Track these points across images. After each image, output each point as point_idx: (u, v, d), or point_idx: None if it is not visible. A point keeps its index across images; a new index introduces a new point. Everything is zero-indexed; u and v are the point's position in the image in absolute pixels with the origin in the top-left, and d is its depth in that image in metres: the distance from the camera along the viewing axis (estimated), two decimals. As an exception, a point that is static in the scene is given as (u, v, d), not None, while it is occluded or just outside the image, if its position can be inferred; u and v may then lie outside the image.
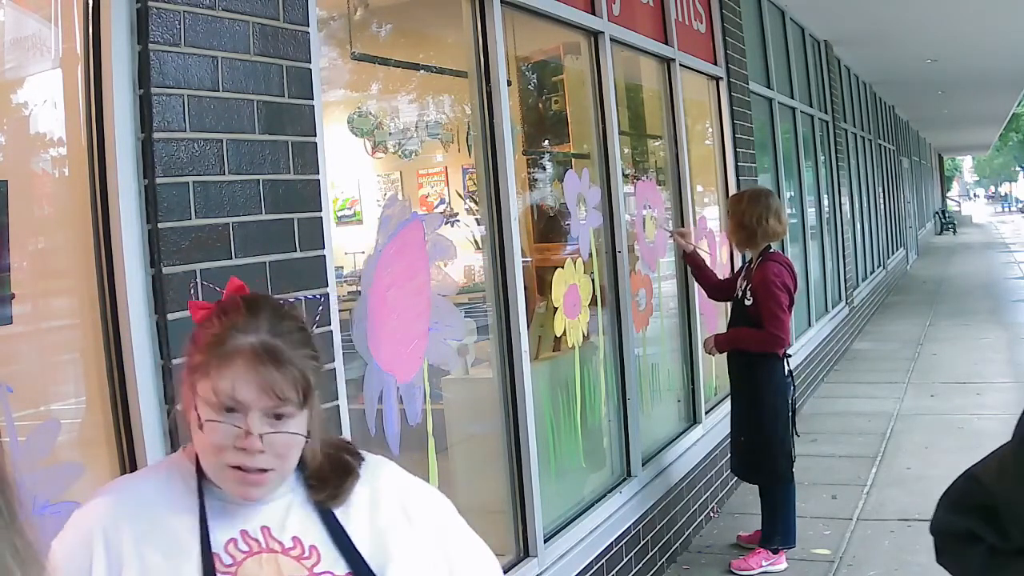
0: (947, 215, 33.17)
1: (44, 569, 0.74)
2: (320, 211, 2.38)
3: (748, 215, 4.28)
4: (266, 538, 1.27)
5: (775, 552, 4.25)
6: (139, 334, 1.94)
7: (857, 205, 12.00)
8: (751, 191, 4.64)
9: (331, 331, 2.39)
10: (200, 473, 1.29)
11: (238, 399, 1.20)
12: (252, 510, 1.29)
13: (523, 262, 3.49)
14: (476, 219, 3.62)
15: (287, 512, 1.30)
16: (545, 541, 3.43)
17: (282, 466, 1.25)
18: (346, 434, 2.42)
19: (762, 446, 4.29)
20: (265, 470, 1.23)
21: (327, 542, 1.29)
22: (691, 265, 4.74)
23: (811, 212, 9.04)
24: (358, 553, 1.29)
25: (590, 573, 3.65)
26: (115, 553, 1.24)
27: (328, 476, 1.33)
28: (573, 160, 4.59)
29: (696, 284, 5.02)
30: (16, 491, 0.75)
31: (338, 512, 1.33)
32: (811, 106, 9.42)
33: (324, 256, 2.38)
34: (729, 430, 4.63)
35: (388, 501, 1.36)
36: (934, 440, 6.01)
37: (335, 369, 2.39)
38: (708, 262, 4.89)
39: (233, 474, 1.23)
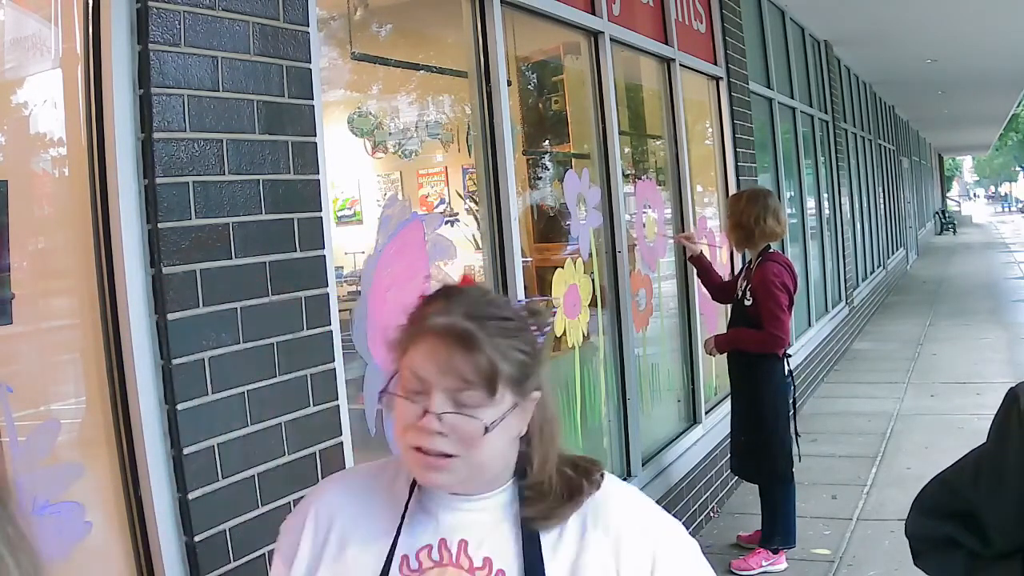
0: (947, 215, 33.17)
1: (36, 556, 0.73)
2: (320, 211, 2.38)
3: (746, 215, 4.28)
4: (459, 552, 1.22)
5: (775, 552, 4.25)
6: (139, 334, 1.94)
7: (857, 205, 12.00)
8: (749, 191, 4.65)
9: (331, 331, 2.39)
10: None
11: (421, 376, 1.17)
12: (459, 519, 1.23)
13: (523, 262, 3.49)
14: (476, 219, 3.62)
15: (493, 528, 1.23)
16: (545, 541, 3.43)
17: (468, 455, 1.17)
18: (346, 434, 2.42)
19: (762, 446, 4.29)
20: (448, 455, 1.17)
21: (515, 569, 1.20)
22: (697, 267, 4.74)
23: (811, 212, 9.04)
24: None
25: (590, 573, 3.65)
26: (322, 535, 1.27)
27: (546, 492, 1.23)
28: (573, 160, 4.59)
29: (697, 284, 5.03)
30: (7, 482, 0.74)
31: (546, 538, 1.22)
32: (811, 106, 9.42)
33: (324, 256, 2.38)
34: (729, 430, 4.63)
35: (600, 539, 1.22)
36: (934, 440, 6.01)
37: (335, 369, 2.40)
38: (712, 260, 4.89)
39: (415, 456, 1.18)
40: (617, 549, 1.21)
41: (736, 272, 4.92)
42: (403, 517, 1.24)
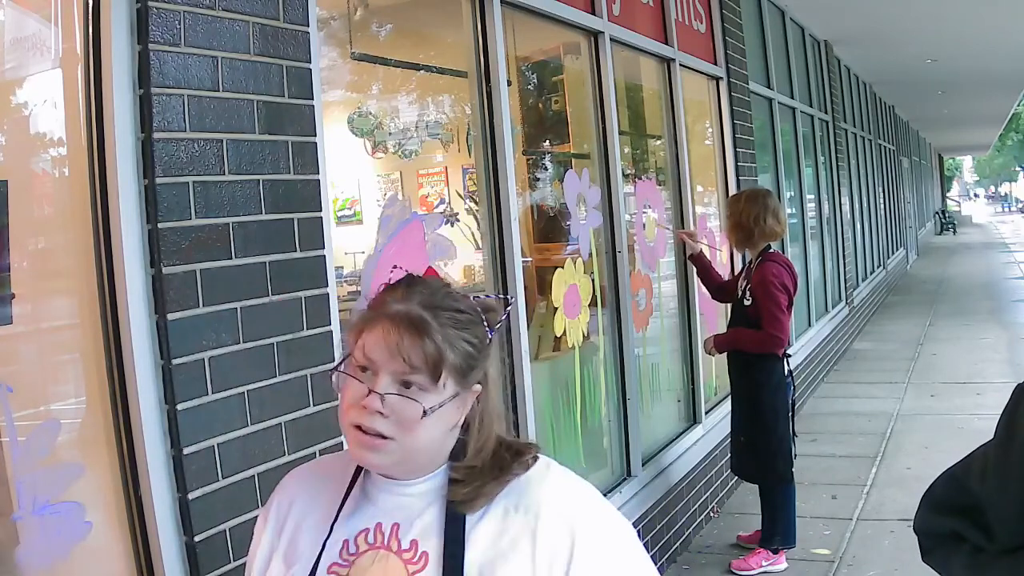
0: (947, 215, 33.17)
1: None
2: (320, 211, 2.38)
3: (746, 215, 4.28)
4: (391, 535, 1.26)
5: (775, 552, 4.25)
6: (139, 334, 1.94)
7: (857, 205, 12.00)
8: (749, 191, 4.65)
9: (331, 331, 2.39)
10: None
11: (371, 358, 1.22)
12: (394, 503, 1.27)
13: (523, 262, 3.49)
14: (476, 219, 3.62)
15: (423, 511, 1.26)
16: (545, 541, 3.42)
17: (403, 438, 1.21)
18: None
19: (762, 446, 4.29)
20: (384, 437, 1.21)
21: (438, 551, 1.23)
22: (697, 266, 4.74)
23: (811, 212, 9.04)
24: (460, 571, 1.21)
25: (590, 573, 3.65)
26: (279, 525, 1.33)
27: (475, 475, 1.26)
28: (573, 160, 4.59)
29: (697, 284, 5.03)
30: None
31: (470, 519, 1.25)
32: (811, 106, 9.42)
33: (324, 256, 2.38)
34: (729, 430, 4.63)
35: (519, 519, 1.24)
36: (934, 440, 6.01)
37: (335, 369, 2.39)
38: (710, 256, 4.89)
39: (354, 434, 1.23)
40: (535, 529, 1.23)
41: (736, 272, 4.92)
42: (343, 502, 1.29)
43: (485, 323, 1.28)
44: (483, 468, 1.27)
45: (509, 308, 1.37)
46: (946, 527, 1.30)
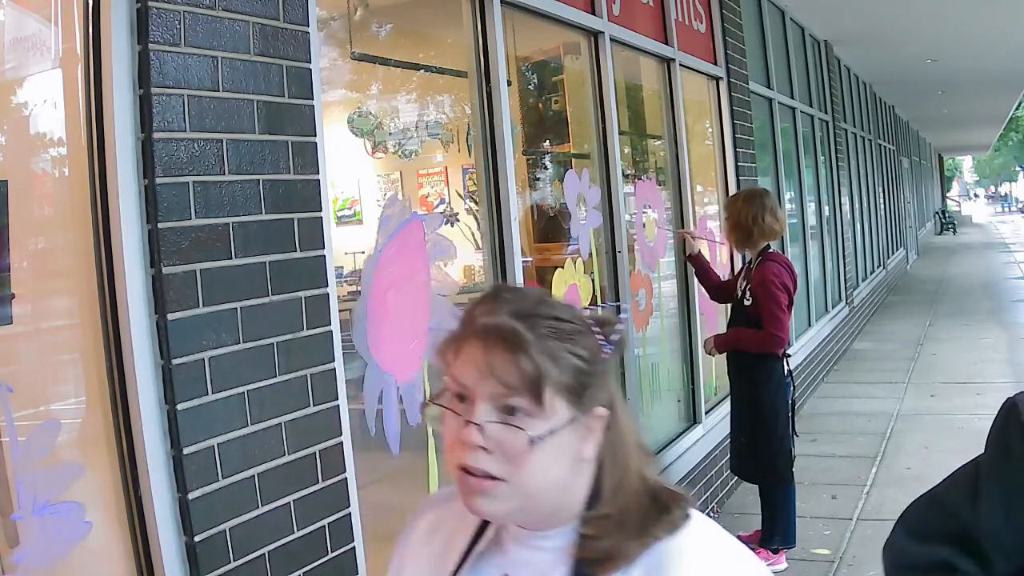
0: (947, 215, 33.17)
1: None
2: (320, 211, 2.38)
3: (744, 214, 4.28)
4: None
5: (775, 552, 4.25)
6: (139, 334, 1.94)
7: (857, 205, 11.99)
8: (747, 191, 4.65)
9: (331, 331, 2.39)
10: None
11: (463, 383, 1.04)
12: (523, 557, 1.08)
13: (523, 262, 3.49)
14: (476, 219, 3.62)
15: (549, 570, 1.06)
16: (545, 541, 3.42)
17: (515, 477, 1.01)
18: (346, 434, 2.42)
19: (762, 446, 4.29)
20: (493, 477, 1.01)
21: None
22: (695, 266, 4.74)
23: (811, 212, 9.04)
24: None
25: (590, 573, 3.65)
26: (402, 560, 1.22)
27: (610, 529, 1.04)
28: (573, 160, 4.59)
29: (697, 284, 5.03)
30: None
31: None
32: (811, 106, 9.42)
33: (324, 256, 2.38)
34: (729, 430, 4.63)
35: None
36: (934, 440, 6.01)
37: (335, 369, 2.40)
38: (710, 254, 4.90)
39: (460, 478, 1.04)
40: None
41: (736, 271, 4.92)
42: (470, 546, 1.13)
43: (599, 335, 1.09)
44: (621, 519, 1.05)
45: (624, 318, 1.16)
46: (932, 557, 1.17)
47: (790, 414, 4.37)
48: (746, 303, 4.28)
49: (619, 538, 1.04)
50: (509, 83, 3.53)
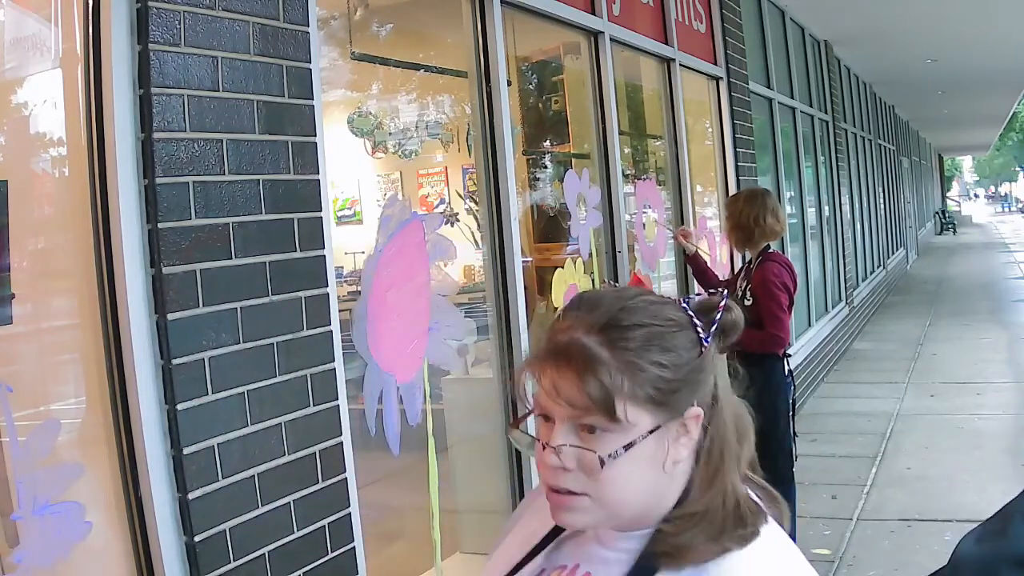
0: (947, 215, 33.17)
1: None
2: (320, 211, 2.38)
3: (745, 215, 4.28)
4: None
5: (775, 552, 4.25)
6: (139, 334, 1.94)
7: (857, 205, 12.00)
8: (747, 191, 4.64)
9: (331, 331, 2.39)
10: None
11: (542, 404, 1.03)
12: (600, 553, 1.07)
13: (523, 262, 3.49)
14: (476, 219, 3.62)
15: (619, 566, 1.05)
16: (545, 541, 3.42)
17: (598, 494, 1.00)
18: (346, 434, 2.42)
19: (762, 446, 4.27)
20: (574, 493, 1.01)
21: None
22: (693, 267, 4.74)
23: (811, 212, 9.04)
24: None
25: (590, 573, 3.65)
26: (513, 524, 1.23)
27: (690, 525, 1.02)
28: (573, 160, 4.60)
29: (697, 285, 5.02)
30: None
31: None
32: (811, 106, 9.42)
33: (324, 256, 2.38)
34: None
35: None
36: (934, 440, 6.01)
37: (335, 369, 2.40)
38: (709, 263, 4.90)
39: (548, 493, 1.04)
40: None
41: (735, 271, 4.92)
42: (547, 536, 1.13)
43: (698, 328, 1.06)
44: (705, 517, 1.03)
45: (725, 303, 1.11)
46: None
47: (791, 414, 4.37)
48: (746, 303, 4.27)
49: (695, 537, 1.02)
50: (509, 83, 3.53)
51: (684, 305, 1.07)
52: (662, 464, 1.02)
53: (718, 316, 1.07)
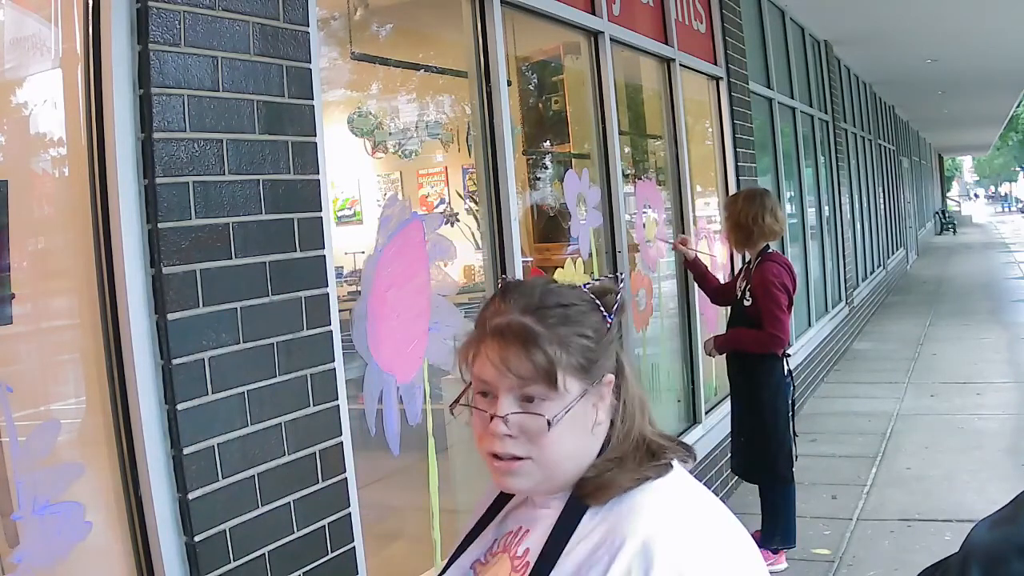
0: (947, 215, 33.17)
1: None
2: (320, 211, 2.38)
3: (744, 215, 4.28)
4: (519, 539, 1.22)
5: (775, 552, 4.25)
6: (139, 334, 1.94)
7: (857, 205, 12.00)
8: (747, 191, 4.65)
9: (331, 331, 2.39)
10: None
11: (484, 380, 1.16)
12: (537, 512, 1.21)
13: (523, 262, 3.49)
14: (476, 219, 3.62)
15: (555, 516, 1.18)
16: (545, 541, 3.43)
17: (540, 456, 1.14)
18: (346, 434, 2.42)
19: (762, 446, 4.29)
20: (519, 457, 1.14)
21: (538, 546, 1.16)
22: (693, 272, 4.74)
23: (811, 212, 9.04)
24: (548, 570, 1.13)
25: (590, 573, 3.65)
26: (476, 511, 1.34)
27: (608, 468, 1.16)
28: (573, 160, 4.60)
29: (697, 286, 5.03)
30: None
31: (587, 516, 1.15)
32: (811, 106, 9.43)
33: (324, 256, 2.38)
34: (729, 430, 4.63)
35: (607, 532, 1.12)
36: (934, 440, 6.01)
37: (335, 369, 2.40)
38: (710, 265, 4.89)
39: (491, 463, 1.17)
40: (613, 555, 1.09)
41: (735, 272, 4.92)
42: (492, 507, 1.28)
43: (601, 308, 1.20)
44: (623, 460, 1.17)
45: (622, 285, 1.26)
46: None
47: (791, 414, 4.37)
48: (746, 303, 4.28)
49: (617, 475, 1.16)
50: (509, 83, 3.53)
51: (585, 289, 1.22)
52: (590, 427, 1.17)
53: (615, 301, 1.21)
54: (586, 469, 1.17)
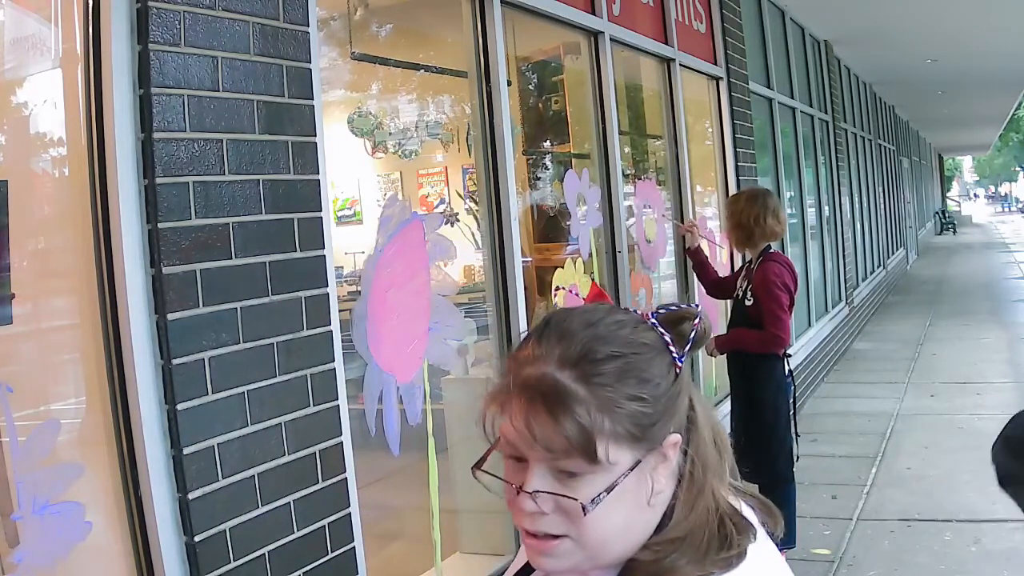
0: (947, 215, 33.16)
1: None
2: (320, 211, 2.38)
3: (746, 215, 4.28)
4: None
5: (775, 552, 4.25)
6: (139, 334, 1.94)
7: (857, 205, 11.99)
8: (748, 191, 4.64)
9: (331, 331, 2.39)
10: None
11: (512, 443, 0.94)
12: None
13: (523, 262, 3.49)
14: (476, 219, 3.62)
15: None
16: (545, 541, 3.42)
17: (580, 535, 0.93)
18: (346, 434, 2.42)
19: (762, 446, 4.29)
20: (555, 536, 0.94)
21: None
22: (693, 260, 4.74)
23: (811, 212, 9.04)
24: None
25: (590, 573, 3.65)
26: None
27: (670, 551, 0.95)
28: (573, 160, 4.60)
29: (697, 285, 5.03)
30: None
31: None
32: (811, 106, 9.42)
33: (324, 256, 2.38)
34: (729, 430, 4.62)
35: None
36: (934, 440, 6.01)
37: (335, 369, 2.40)
38: (717, 256, 4.89)
39: (524, 537, 0.96)
40: None
41: (735, 270, 4.92)
42: (525, 568, 1.06)
43: (671, 348, 0.97)
44: (687, 541, 0.94)
45: (699, 319, 1.00)
46: None
47: (791, 414, 4.37)
48: (747, 303, 4.27)
49: (676, 562, 0.94)
50: (509, 83, 3.53)
51: (654, 322, 0.98)
52: (645, 499, 0.95)
53: (693, 331, 0.98)
54: (639, 548, 0.96)
